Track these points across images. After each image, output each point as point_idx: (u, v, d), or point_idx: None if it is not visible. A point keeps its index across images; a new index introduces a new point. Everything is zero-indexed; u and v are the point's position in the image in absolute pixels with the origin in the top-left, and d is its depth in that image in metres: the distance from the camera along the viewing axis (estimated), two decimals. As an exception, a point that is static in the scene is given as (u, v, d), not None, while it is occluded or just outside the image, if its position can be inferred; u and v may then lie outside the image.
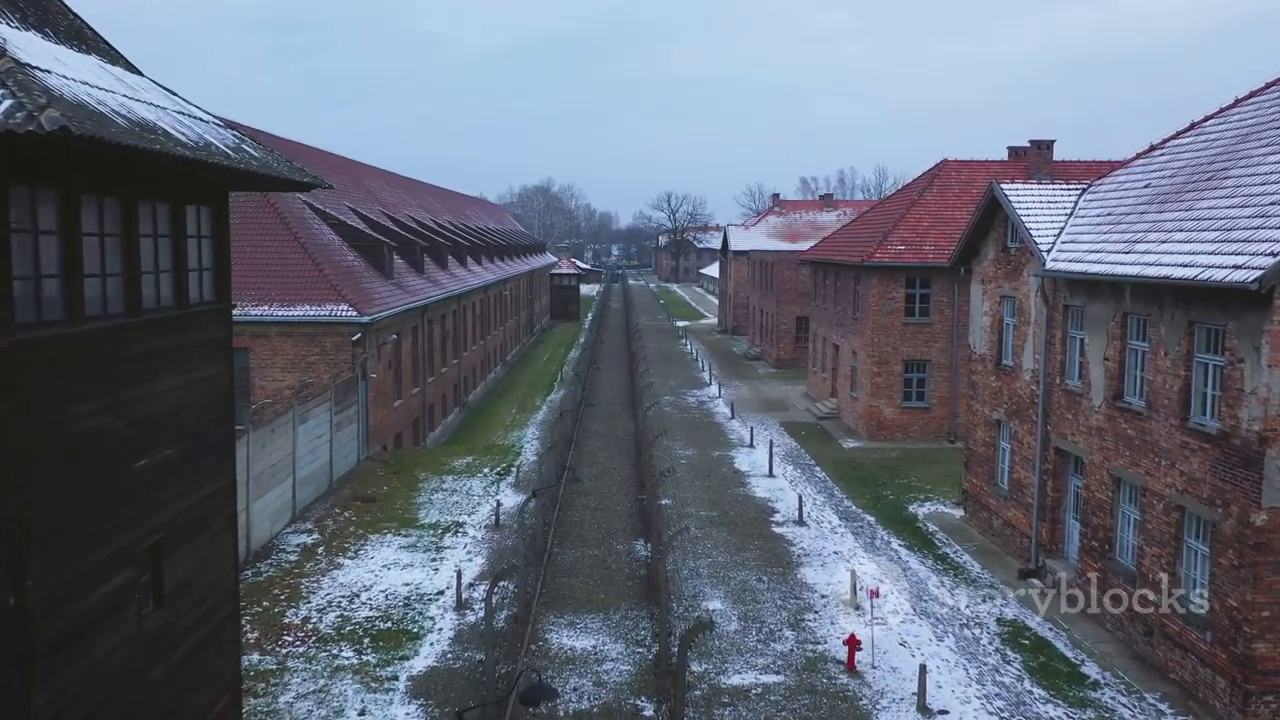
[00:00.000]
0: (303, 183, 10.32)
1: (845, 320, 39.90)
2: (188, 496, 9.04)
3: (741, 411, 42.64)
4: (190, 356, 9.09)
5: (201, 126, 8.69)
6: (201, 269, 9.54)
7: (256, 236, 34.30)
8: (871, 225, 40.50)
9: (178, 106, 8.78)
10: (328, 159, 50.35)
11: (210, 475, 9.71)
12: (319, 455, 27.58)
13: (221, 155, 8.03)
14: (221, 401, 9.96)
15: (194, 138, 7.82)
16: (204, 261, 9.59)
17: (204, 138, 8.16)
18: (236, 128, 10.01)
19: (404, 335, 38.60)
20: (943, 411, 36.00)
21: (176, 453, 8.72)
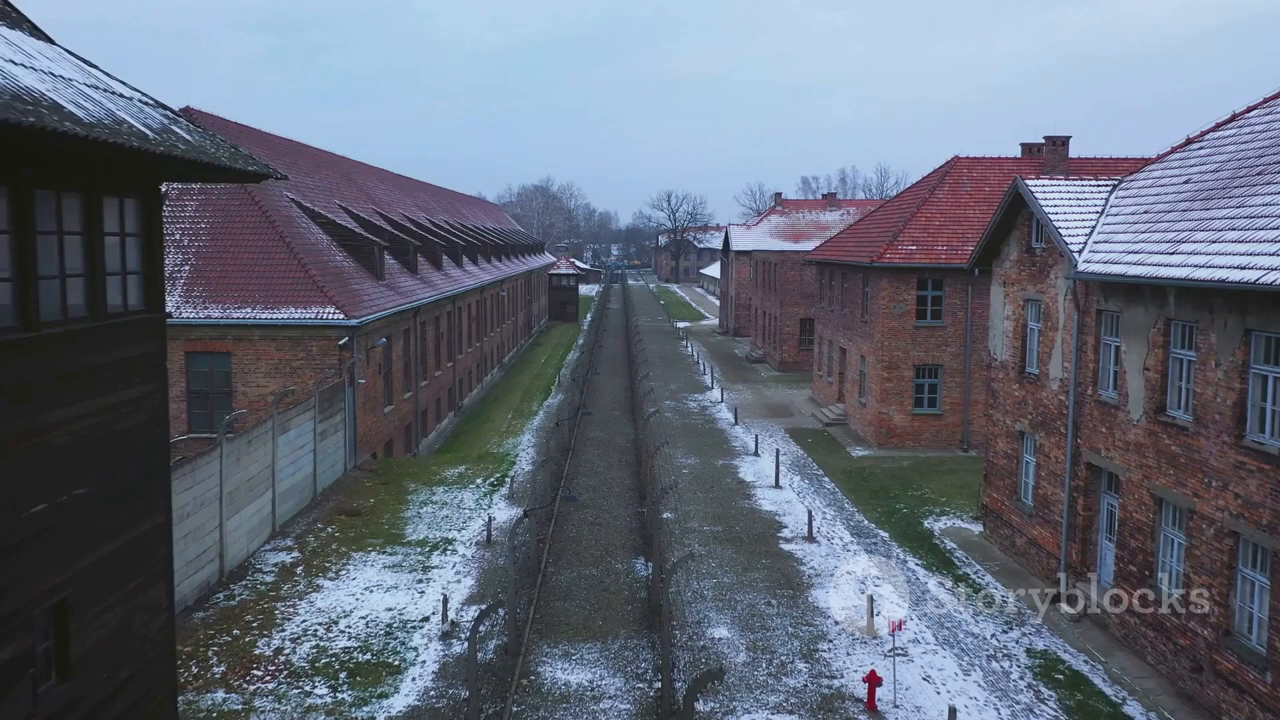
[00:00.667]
0: (248, 172, 8.86)
1: (853, 323, 38.45)
2: (105, 543, 7.62)
3: (745, 417, 41.19)
4: (109, 376, 7.66)
5: (118, 103, 7.25)
6: (126, 272, 8.09)
7: (239, 235, 32.87)
8: (880, 224, 39.05)
9: (90, 80, 7.35)
10: (318, 155, 48.94)
11: (136, 516, 8.28)
12: (302, 466, 26.13)
13: (134, 136, 6.59)
14: (151, 428, 8.52)
15: (98, 114, 6.40)
16: (130, 263, 8.14)
17: (115, 115, 6.72)
18: (194, 117, 8.68)
19: (395, 338, 37.15)
20: (956, 419, 34.54)
21: (89, 492, 7.30)
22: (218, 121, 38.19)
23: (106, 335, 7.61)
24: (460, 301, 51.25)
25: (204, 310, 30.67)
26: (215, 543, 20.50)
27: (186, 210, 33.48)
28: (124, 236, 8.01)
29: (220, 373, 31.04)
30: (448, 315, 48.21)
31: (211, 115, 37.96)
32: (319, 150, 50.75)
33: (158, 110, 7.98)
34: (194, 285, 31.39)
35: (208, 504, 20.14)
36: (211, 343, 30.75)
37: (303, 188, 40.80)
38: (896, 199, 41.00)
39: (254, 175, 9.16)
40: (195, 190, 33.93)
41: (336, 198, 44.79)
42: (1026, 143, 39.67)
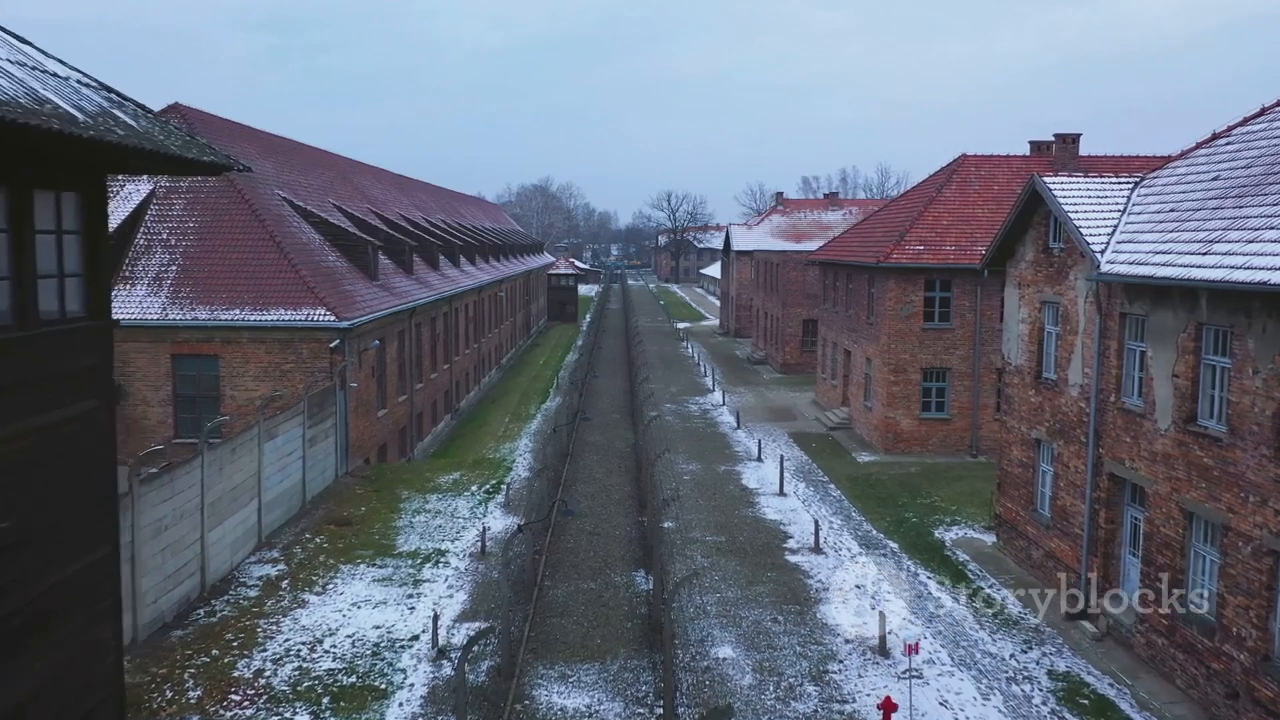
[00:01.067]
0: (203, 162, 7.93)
1: (858, 325, 37.55)
2: (37, 580, 6.73)
3: (748, 421, 40.29)
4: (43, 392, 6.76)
5: (46, 82, 6.35)
6: (64, 274, 7.18)
7: (228, 235, 31.97)
8: (886, 224, 38.15)
9: (17, 56, 6.44)
10: (312, 154, 48.03)
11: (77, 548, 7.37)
12: (290, 474, 25.22)
13: (56, 118, 5.68)
14: (95, 448, 7.61)
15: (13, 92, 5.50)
16: (68, 265, 7.23)
17: (37, 94, 5.83)
18: (183, 113, 7.82)
19: (389, 340, 36.25)
20: (964, 423, 33.64)
21: (14, 525, 6.40)
22: (207, 118, 37.31)
23: (39, 346, 6.72)
24: (457, 302, 50.35)
25: (191, 312, 29.78)
26: (196, 555, 19.59)
27: (174, 209, 32.57)
28: (60, 234, 7.11)
29: (208, 376, 30.14)
30: (444, 316, 47.31)
31: (200, 111, 37.06)
32: (314, 148, 49.85)
33: (99, 93, 7.09)
34: (181, 286, 30.48)
35: (188, 515, 19.23)
36: (199, 345, 29.85)
37: (295, 186, 39.92)
38: (902, 198, 40.12)
39: (211, 166, 8.25)
40: (183, 188, 33.05)
41: (330, 196, 43.89)
42: (1035, 140, 38.81)
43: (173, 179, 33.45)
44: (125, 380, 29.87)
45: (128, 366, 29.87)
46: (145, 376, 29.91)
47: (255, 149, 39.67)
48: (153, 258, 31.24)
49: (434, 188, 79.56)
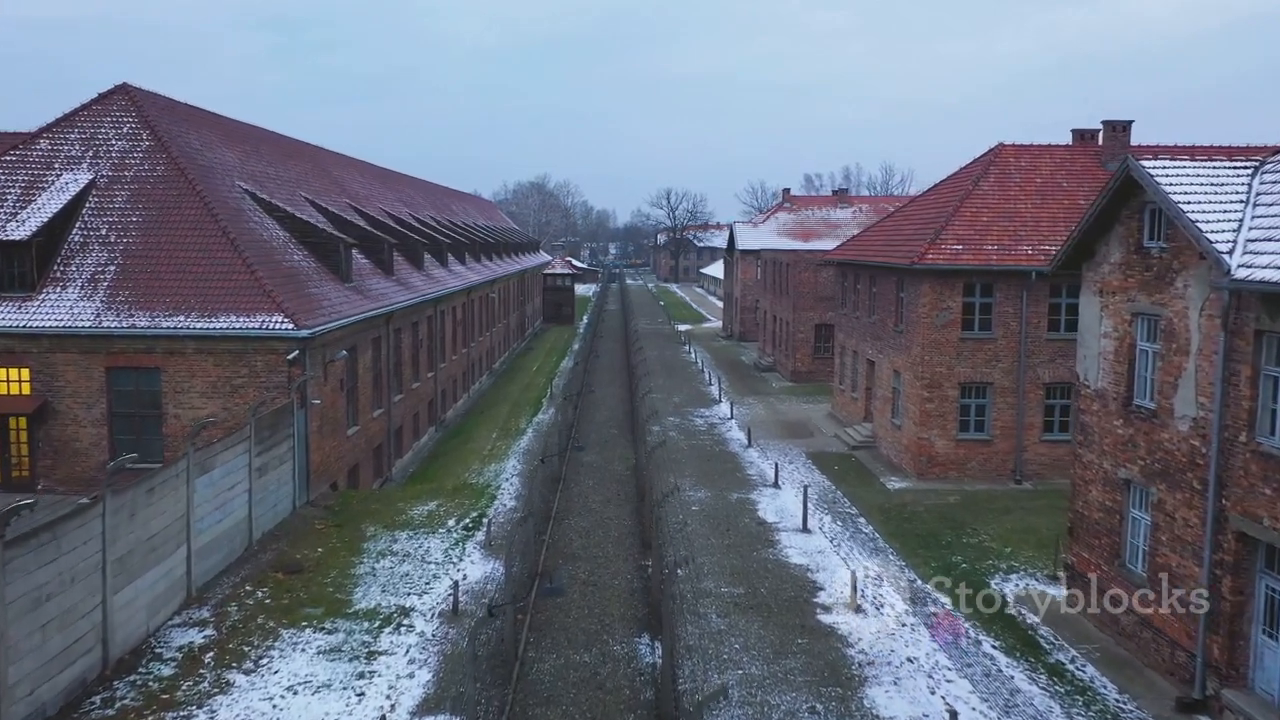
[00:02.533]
0: None
1: (884, 332, 33.81)
2: None
3: (759, 438, 36.55)
4: None
5: None
6: None
7: (176, 231, 28.18)
8: (915, 221, 34.42)
9: None
10: (286, 144, 44.20)
11: None
12: (231, 511, 21.46)
13: None
14: None
15: None
16: None
17: None
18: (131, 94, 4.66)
19: (362, 349, 32.50)
20: (1007, 445, 29.89)
21: None
22: (161, 101, 33.54)
23: None
24: (444, 305, 46.59)
25: (129, 318, 26.02)
26: (96, 625, 15.83)
27: (116, 202, 28.78)
28: None
29: (148, 392, 26.37)
30: (429, 321, 43.56)
31: (152, 94, 33.28)
32: (289, 139, 46.02)
33: None
34: (119, 289, 26.72)
35: (83, 577, 15.46)
36: (138, 356, 26.10)
37: (262, 178, 36.13)
38: (931, 193, 36.39)
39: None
40: (128, 179, 29.28)
41: (304, 190, 40.10)
42: (1079, 129, 35.10)
43: (116, 168, 29.73)
44: (53, 397, 26.12)
45: (56, 381, 26.16)
46: (76, 392, 26.14)
47: (218, 136, 35.91)
48: (89, 256, 27.46)
49: (423, 183, 75.76)
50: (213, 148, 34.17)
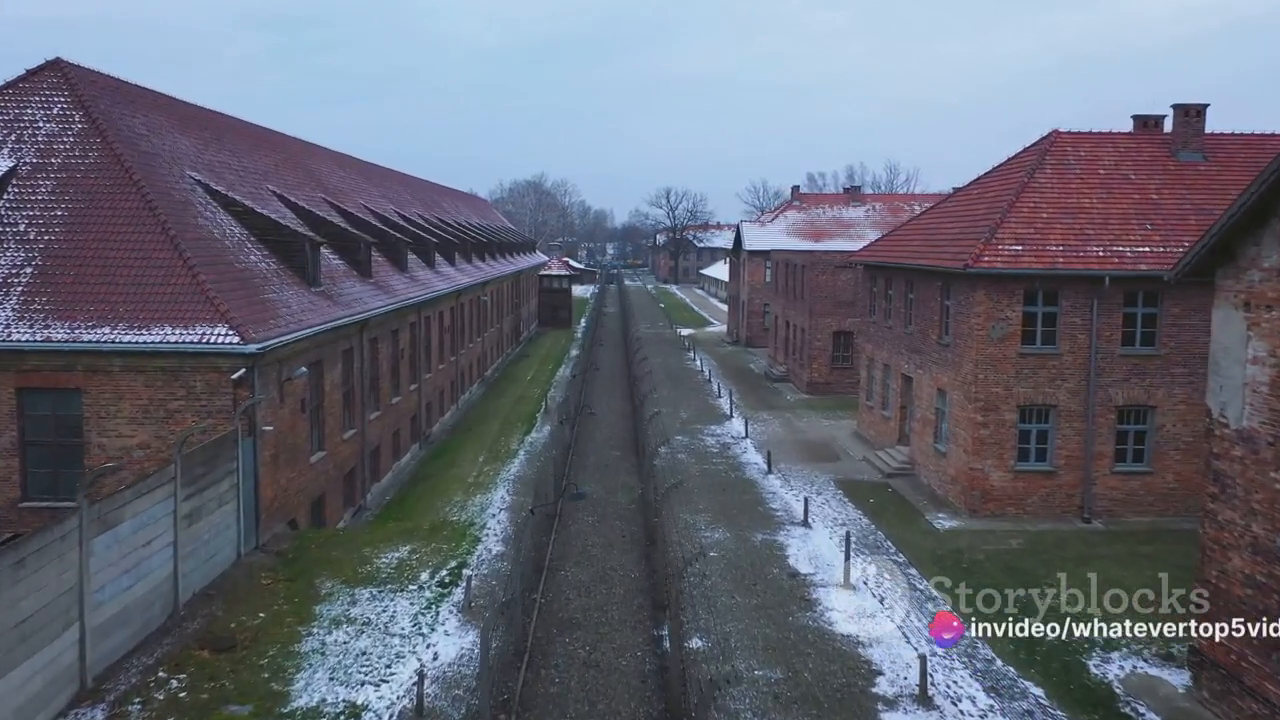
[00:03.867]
0: None
1: (924, 345, 29.77)
2: None
3: (780, 461, 32.49)
4: None
5: None
6: None
7: (107, 226, 24.06)
8: (959, 218, 30.37)
9: None
10: (255, 133, 40.03)
11: None
12: (148, 571, 17.38)
13: None
14: None
15: None
16: None
17: None
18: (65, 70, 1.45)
19: (330, 362, 28.44)
20: (1072, 478, 25.85)
21: None
22: (100, 80, 29.41)
23: None
24: (430, 310, 42.53)
25: (44, 330, 21.89)
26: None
27: (39, 192, 24.66)
28: None
29: (68, 417, 22.25)
30: (411, 328, 39.50)
31: (91, 71, 29.14)
32: (258, 127, 41.90)
33: None
34: (35, 295, 22.60)
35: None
36: (55, 375, 21.99)
37: (220, 168, 32.04)
38: (975, 186, 32.31)
39: None
40: (55, 166, 25.16)
41: (272, 183, 36.01)
42: (1140, 114, 31.09)
43: (42, 154, 25.65)
44: (-47, 423, 22.03)
45: (-45, 404, 22.05)
46: (-20, 418, 22.05)
47: (171, 121, 31.80)
48: (2, 257, 23.36)
49: (412, 179, 71.65)
50: (162, 133, 30.07)
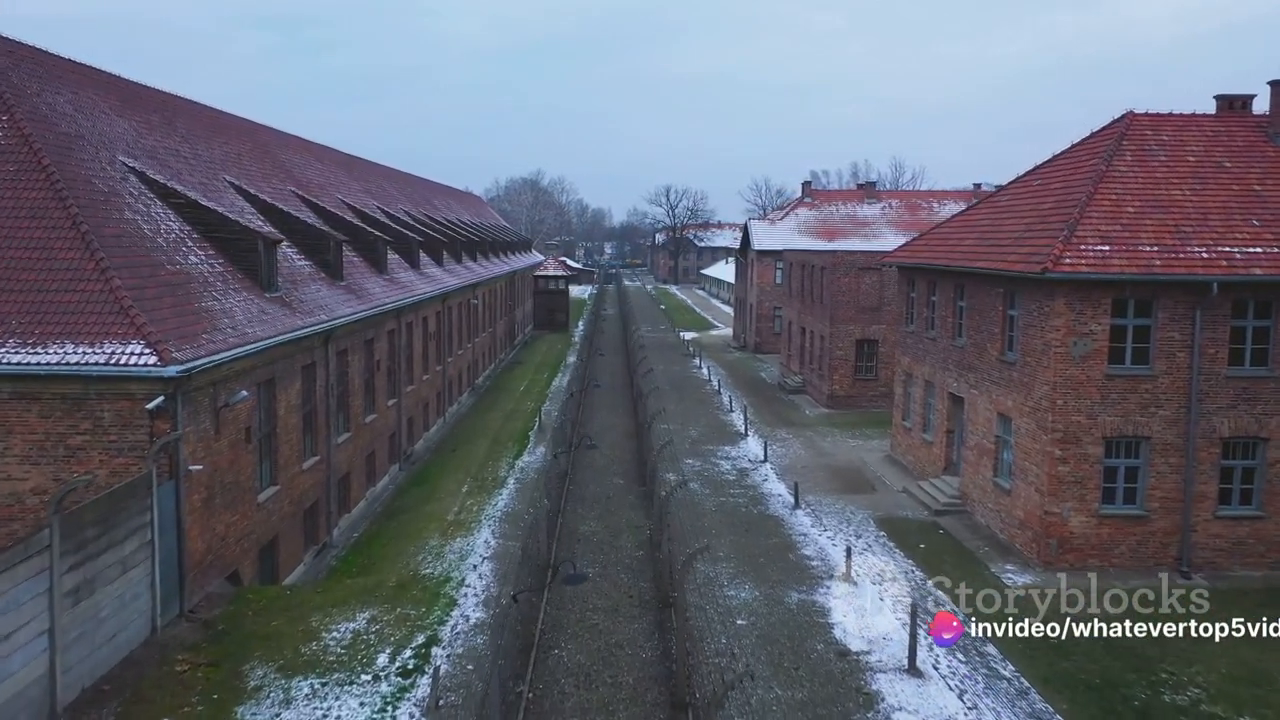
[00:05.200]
0: None
1: (980, 361, 25.55)
2: None
3: (807, 492, 28.27)
4: None
5: None
6: None
7: (1, 220, 19.88)
8: (1019, 213, 26.13)
9: None
10: (207, 115, 35.56)
11: None
12: (5, 676, 13.15)
13: None
14: None
15: None
16: None
17: None
18: None
19: (285, 381, 24.23)
20: (1168, 523, 21.63)
21: None
22: (21, 49, 25.05)
23: None
24: (412, 315, 38.32)
25: (-87, 348, 17.69)
26: None
27: (-74, 179, 20.45)
28: None
29: (-55, 454, 18.06)
30: (390, 336, 35.28)
31: (10, 41, 24.83)
32: (221, 112, 37.54)
33: None
34: (-93, 304, 18.40)
35: None
36: (-73, 404, 17.79)
37: (164, 155, 27.77)
38: (1033, 176, 28.02)
39: None
40: (-52, 148, 20.94)
41: (230, 172, 31.74)
42: (1224, 94, 26.95)
43: (-65, 134, 21.39)
44: None
45: None
46: None
47: (109, 101, 27.51)
48: (-128, 256, 19.12)
49: (400, 174, 67.36)
50: (94, 113, 25.79)
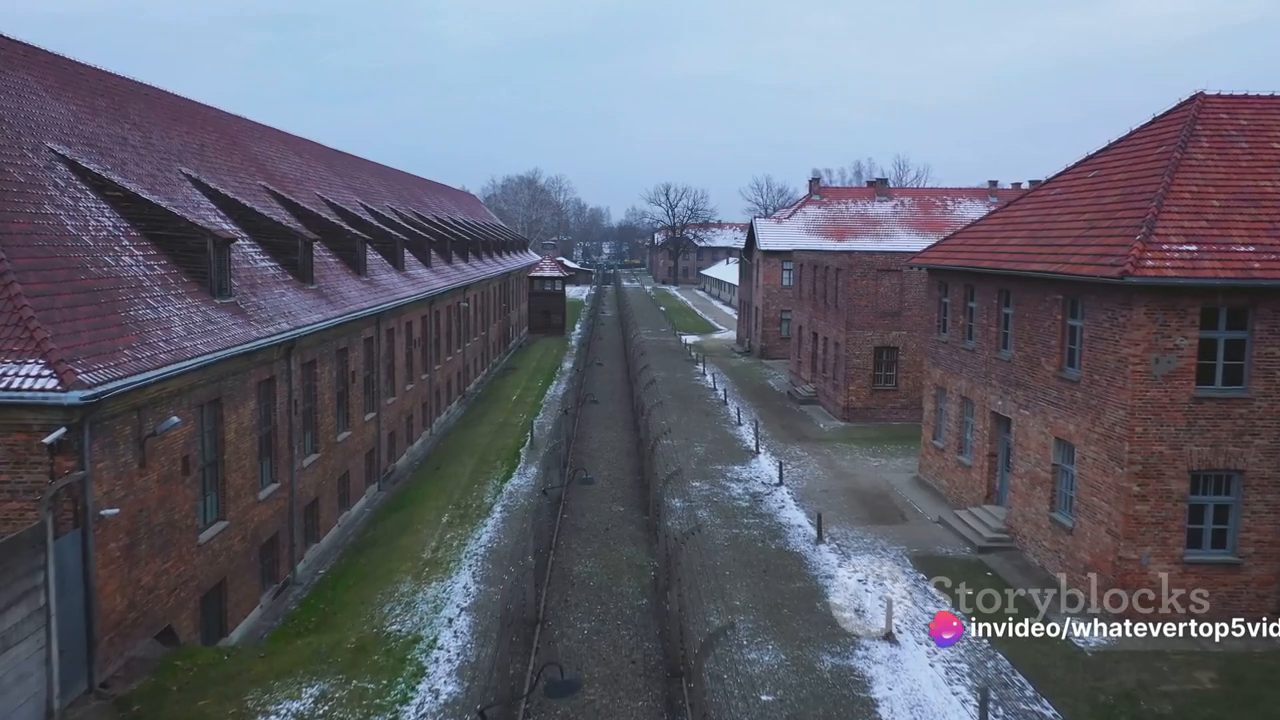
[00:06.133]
0: None
1: (1033, 378, 22.36)
2: None
3: (830, 521, 25.05)
4: None
5: None
6: None
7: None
8: (1077, 208, 22.92)
9: None
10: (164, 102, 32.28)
11: None
12: None
13: None
14: None
15: None
16: None
17: None
18: None
19: (235, 401, 21.03)
20: (1265, 570, 18.44)
21: None
22: None
23: None
24: (394, 320, 35.18)
25: None
26: None
27: None
28: None
29: None
30: (367, 344, 32.12)
31: None
32: (182, 98, 34.29)
33: None
34: None
35: None
36: None
37: (108, 143, 24.58)
38: (1087, 167, 24.81)
39: None
40: None
41: (188, 164, 28.55)
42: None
43: None
44: None
45: None
46: None
47: (46, 82, 24.29)
48: None
49: (388, 170, 64.11)
50: (22, 95, 22.57)
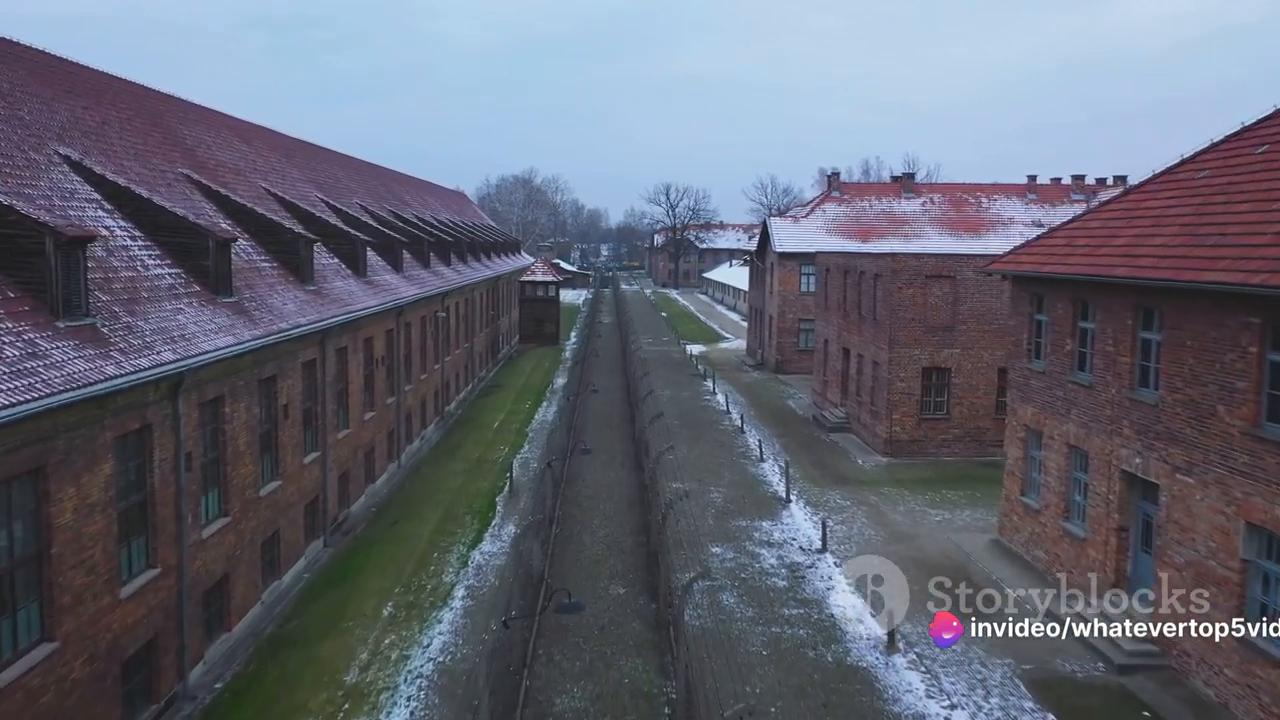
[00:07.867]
0: None
1: (1198, 432, 16.15)
2: None
3: (903, 616, 18.84)
4: None
5: None
6: None
7: None
8: (1253, 198, 16.72)
9: None
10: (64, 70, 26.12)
11: None
12: None
13: None
14: None
15: None
16: None
17: None
18: None
19: (83, 463, 14.81)
20: None
21: None
22: None
23: None
24: (347, 338, 29.03)
25: None
26: None
27: None
28: None
29: None
30: (306, 369, 25.95)
31: None
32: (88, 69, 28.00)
33: None
34: None
35: None
36: None
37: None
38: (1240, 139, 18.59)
39: None
40: None
41: (72, 144, 22.36)
42: None
43: None
44: None
45: None
46: None
47: None
48: None
49: (363, 163, 57.81)
50: None
